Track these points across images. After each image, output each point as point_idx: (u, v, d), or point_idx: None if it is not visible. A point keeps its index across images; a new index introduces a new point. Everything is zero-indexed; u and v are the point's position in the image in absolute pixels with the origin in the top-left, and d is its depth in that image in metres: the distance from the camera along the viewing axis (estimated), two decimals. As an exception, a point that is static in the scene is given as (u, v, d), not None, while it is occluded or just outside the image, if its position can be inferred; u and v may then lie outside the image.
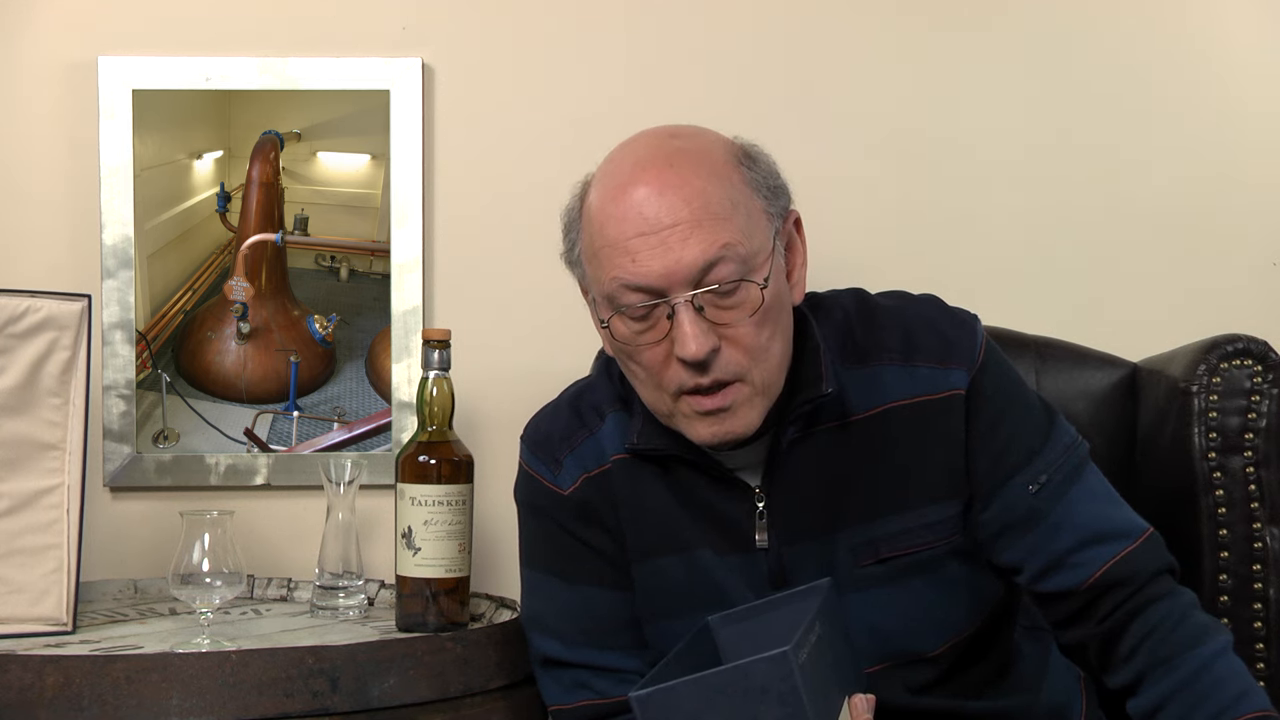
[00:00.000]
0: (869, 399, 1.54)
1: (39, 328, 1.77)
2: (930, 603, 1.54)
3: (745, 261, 1.44)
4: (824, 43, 2.13)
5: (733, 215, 1.44)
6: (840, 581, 1.53)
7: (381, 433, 2.11)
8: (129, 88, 2.07)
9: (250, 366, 2.11)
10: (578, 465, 1.61)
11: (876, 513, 1.54)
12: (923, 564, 1.54)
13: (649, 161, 1.47)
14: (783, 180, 1.51)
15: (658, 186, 1.44)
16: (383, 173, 2.10)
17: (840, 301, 1.60)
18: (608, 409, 1.62)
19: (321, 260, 2.12)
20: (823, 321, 1.57)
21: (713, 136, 1.51)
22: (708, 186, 1.44)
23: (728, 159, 1.48)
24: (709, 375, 1.45)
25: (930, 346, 1.54)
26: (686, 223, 1.43)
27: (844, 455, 1.54)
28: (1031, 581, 1.54)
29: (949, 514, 1.54)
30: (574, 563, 1.63)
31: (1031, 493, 1.52)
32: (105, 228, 2.07)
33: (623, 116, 2.12)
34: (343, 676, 1.55)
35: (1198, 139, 2.13)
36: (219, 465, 2.10)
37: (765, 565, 1.55)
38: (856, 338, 1.56)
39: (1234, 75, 2.12)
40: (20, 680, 1.50)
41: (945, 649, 1.55)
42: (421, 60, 2.09)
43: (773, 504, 1.55)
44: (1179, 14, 2.13)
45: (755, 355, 1.46)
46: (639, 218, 1.44)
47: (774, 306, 1.47)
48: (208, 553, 1.68)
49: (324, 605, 1.90)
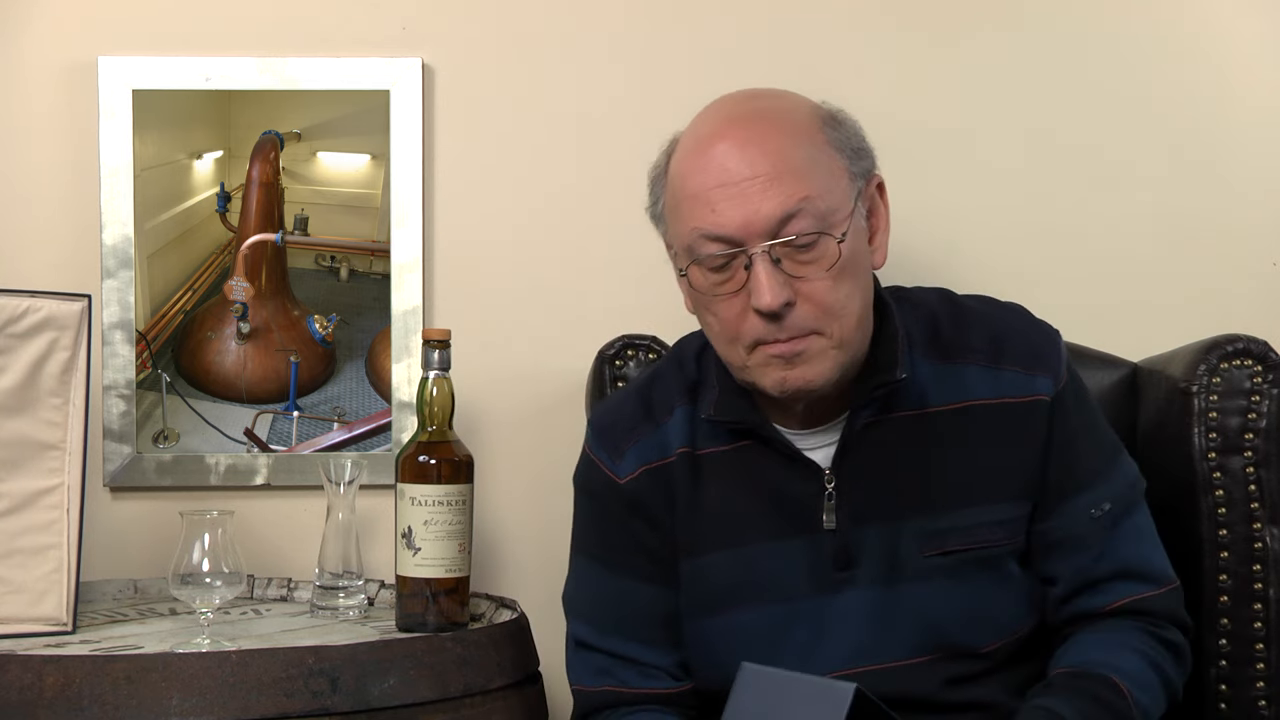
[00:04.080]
0: (950, 394, 1.57)
1: (39, 328, 1.77)
2: (989, 599, 1.55)
3: (823, 217, 1.47)
4: (824, 43, 2.13)
5: (812, 171, 1.48)
6: (902, 569, 1.55)
7: (381, 433, 2.11)
8: (129, 88, 2.07)
9: (250, 366, 2.11)
10: (639, 457, 1.63)
11: (946, 505, 1.55)
12: (986, 560, 1.55)
13: (731, 119, 1.52)
14: (867, 144, 1.55)
15: (739, 141, 1.49)
16: (383, 173, 2.10)
17: (927, 298, 1.63)
18: (676, 402, 1.63)
19: (321, 260, 2.12)
20: (907, 313, 1.60)
21: (796, 98, 1.56)
22: (788, 142, 1.49)
23: (810, 119, 1.52)
24: (784, 329, 1.48)
25: (1018, 352, 1.57)
26: (765, 175, 1.47)
27: (919, 445, 1.56)
28: (1059, 600, 1.58)
29: (1017, 514, 1.56)
30: (619, 553, 1.64)
31: (1092, 516, 1.56)
32: (105, 228, 2.07)
33: (623, 116, 2.13)
34: (343, 676, 1.55)
35: (1198, 139, 2.13)
36: (219, 465, 2.10)
37: (830, 547, 1.56)
38: (943, 334, 1.59)
39: (1234, 75, 2.12)
40: (20, 680, 1.50)
41: (997, 646, 1.56)
42: (421, 60, 2.09)
43: (842, 485, 1.56)
44: (1177, 13, 2.12)
45: (832, 311, 1.49)
46: (720, 170, 1.49)
47: (851, 264, 1.49)
48: (208, 553, 1.68)
49: (324, 605, 1.90)
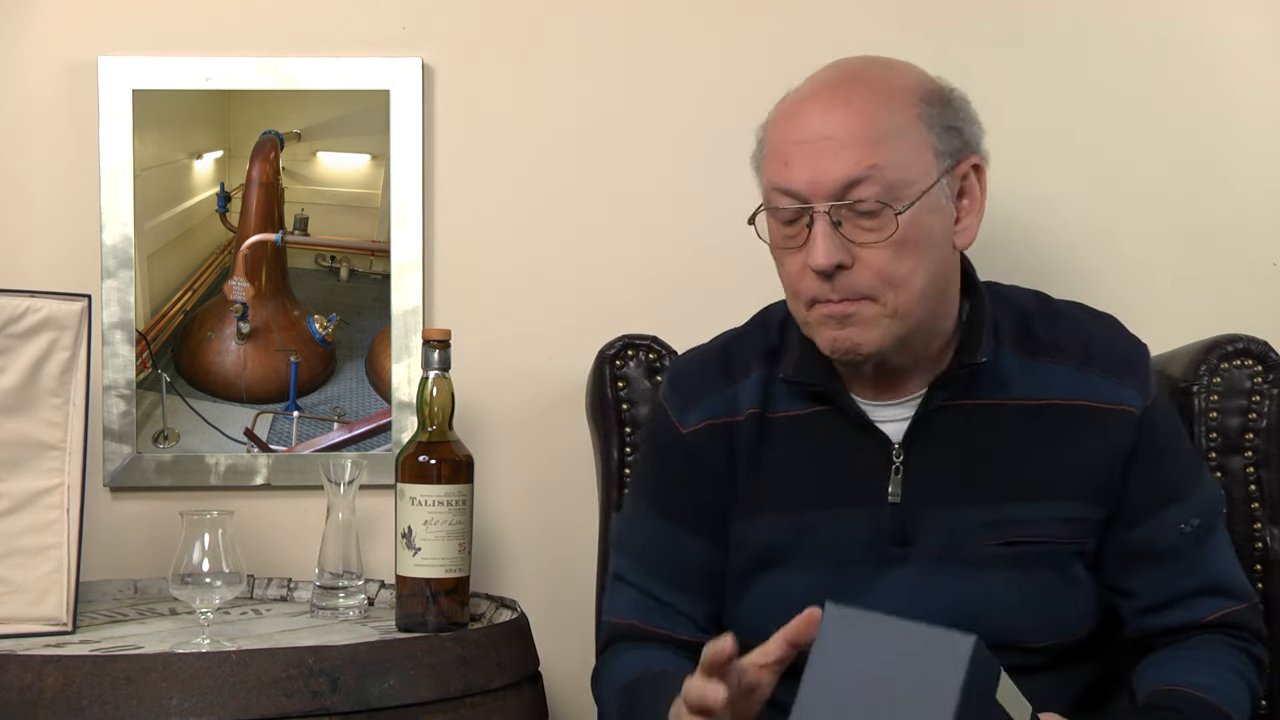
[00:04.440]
0: (1033, 389, 1.57)
1: (39, 328, 1.77)
2: (1048, 596, 1.55)
3: (891, 187, 1.48)
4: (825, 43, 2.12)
5: (889, 141, 1.49)
6: (960, 554, 1.55)
7: (381, 433, 2.11)
8: (129, 88, 2.07)
9: (250, 366, 2.11)
10: (706, 411, 1.64)
11: (1016, 495, 1.55)
12: (1049, 557, 1.55)
13: (828, 80, 1.55)
14: (968, 126, 1.55)
15: (826, 101, 1.52)
16: (383, 173, 2.10)
17: (1022, 295, 1.65)
18: (755, 364, 1.65)
19: (321, 260, 2.12)
20: (1001, 307, 1.61)
21: (905, 69, 1.56)
22: (871, 110, 1.50)
23: (907, 91, 1.52)
24: (836, 289, 1.51)
25: (1108, 359, 1.58)
26: (839, 138, 1.49)
27: (995, 433, 1.56)
28: (1141, 611, 1.58)
29: (1084, 516, 1.56)
30: (672, 501, 1.66)
31: (1181, 531, 1.57)
32: (105, 228, 2.07)
33: (623, 116, 2.13)
34: (343, 676, 1.55)
35: (1198, 139, 2.13)
36: (219, 465, 2.10)
37: (889, 521, 1.56)
38: (1036, 331, 1.60)
39: (1234, 75, 2.12)
40: (20, 680, 1.50)
41: (1049, 644, 1.56)
42: (421, 60, 2.09)
43: (911, 459, 1.57)
44: (1177, 13, 2.12)
45: (890, 280, 1.50)
46: (801, 126, 1.52)
47: (916, 238, 1.50)
48: (208, 553, 1.68)
49: (324, 605, 1.90)
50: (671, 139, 2.13)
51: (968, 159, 1.54)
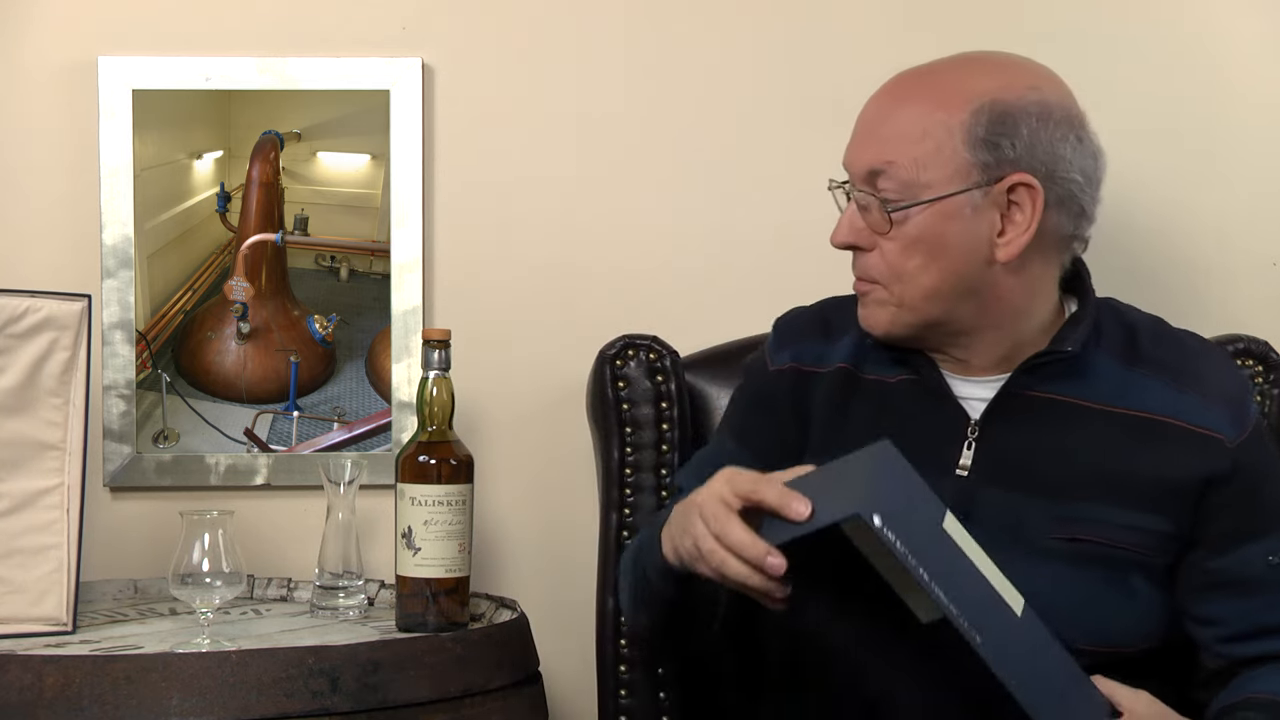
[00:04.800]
0: (1125, 398, 1.57)
1: (39, 328, 1.77)
2: (1102, 601, 1.55)
3: (904, 187, 1.52)
4: (825, 43, 2.13)
5: (915, 142, 1.52)
6: (1025, 542, 1.54)
7: (381, 433, 2.11)
8: (129, 88, 2.07)
9: (250, 366, 2.11)
10: (796, 356, 1.69)
11: (1088, 495, 1.55)
12: (1111, 561, 1.55)
13: (908, 71, 1.59)
14: (1023, 146, 1.51)
15: (887, 90, 1.58)
16: (383, 173, 2.10)
17: (1138, 314, 1.66)
18: (851, 329, 1.66)
19: (321, 260, 2.12)
20: (1111, 316, 1.63)
21: (990, 73, 1.56)
22: (913, 110, 1.53)
23: (963, 98, 1.52)
24: (856, 266, 1.59)
25: (1205, 382, 1.58)
26: (874, 127, 1.56)
27: (1078, 430, 1.56)
28: (1226, 640, 1.57)
29: (1156, 529, 1.55)
30: (746, 425, 1.71)
31: (1270, 563, 1.56)
32: (105, 228, 2.07)
33: (623, 116, 2.13)
34: (343, 676, 1.55)
35: (1198, 139, 2.13)
36: (219, 465, 2.10)
37: (953, 494, 1.55)
38: (1140, 344, 1.61)
39: (1234, 75, 2.12)
40: (20, 680, 1.50)
41: (1093, 650, 1.54)
42: (421, 60, 2.09)
43: (985, 437, 1.58)
44: (1177, 12, 2.13)
45: (896, 273, 1.55)
46: (866, 106, 1.59)
47: (925, 240, 1.53)
48: (208, 553, 1.68)
49: (324, 605, 1.90)
50: (672, 139, 2.13)
51: (1012, 177, 1.52)
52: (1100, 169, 1.58)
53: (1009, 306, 1.57)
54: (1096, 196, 1.58)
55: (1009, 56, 1.60)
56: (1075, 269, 1.63)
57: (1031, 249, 1.54)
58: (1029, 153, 1.52)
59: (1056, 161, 1.53)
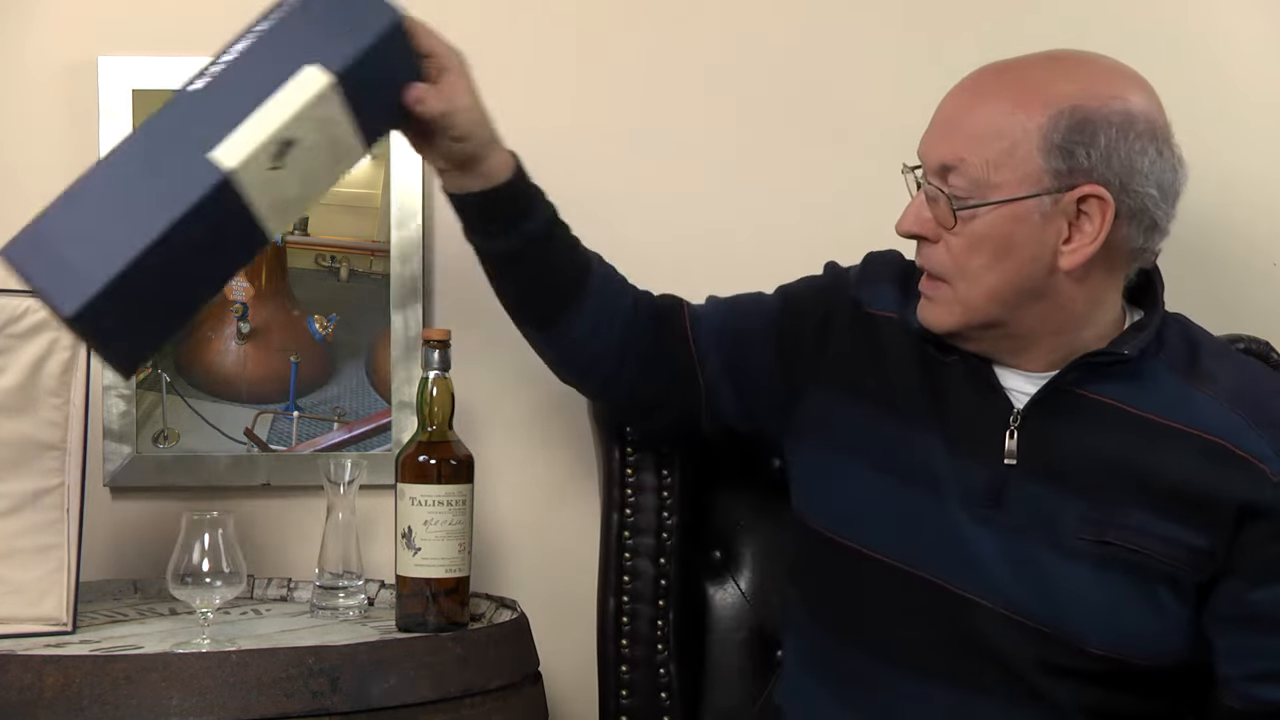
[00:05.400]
0: (1175, 411, 1.56)
1: (39, 328, 1.77)
2: (1125, 607, 1.53)
3: (974, 186, 1.52)
4: (824, 42, 2.13)
5: (989, 142, 1.51)
6: (1053, 538, 1.54)
7: (381, 433, 2.11)
8: (129, 88, 2.07)
9: (250, 366, 2.11)
10: (866, 293, 1.70)
11: (1123, 499, 1.54)
12: (1138, 568, 1.53)
13: (991, 67, 1.58)
14: (1099, 157, 1.49)
15: (967, 86, 1.57)
16: (383, 173, 2.10)
17: (1207, 334, 1.66)
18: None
19: (321, 260, 2.12)
20: (1177, 330, 1.63)
21: (1076, 76, 1.53)
22: (992, 108, 1.52)
23: (1044, 100, 1.50)
24: (921, 258, 1.59)
25: (1259, 407, 1.56)
26: (951, 123, 1.55)
27: (1122, 434, 1.55)
28: (1252, 679, 1.55)
29: (1190, 543, 1.53)
30: (790, 307, 1.75)
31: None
32: (105, 228, 2.07)
33: (622, 116, 2.13)
34: (343, 676, 1.55)
35: (1198, 139, 2.12)
36: (219, 465, 2.10)
37: (985, 479, 1.56)
38: (1200, 361, 1.60)
39: (1235, 75, 2.13)
40: (20, 680, 1.50)
41: (1107, 654, 1.54)
42: (421, 60, 2.09)
43: (1027, 428, 1.57)
44: (1178, 13, 2.13)
45: (960, 269, 1.55)
46: (944, 100, 1.58)
47: (991, 240, 1.52)
48: (208, 553, 1.68)
49: (324, 605, 1.90)
50: (672, 138, 2.13)
51: (1084, 187, 1.50)
52: (1180, 182, 1.56)
53: (1069, 314, 1.56)
54: (1172, 211, 1.56)
55: (1098, 59, 1.57)
56: (1148, 278, 1.63)
57: (1097, 259, 1.53)
58: (1104, 163, 1.50)
59: (1132, 174, 1.51)
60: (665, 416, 1.81)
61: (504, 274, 1.73)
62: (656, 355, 1.76)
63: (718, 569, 1.95)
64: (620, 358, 1.74)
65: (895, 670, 1.60)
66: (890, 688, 1.60)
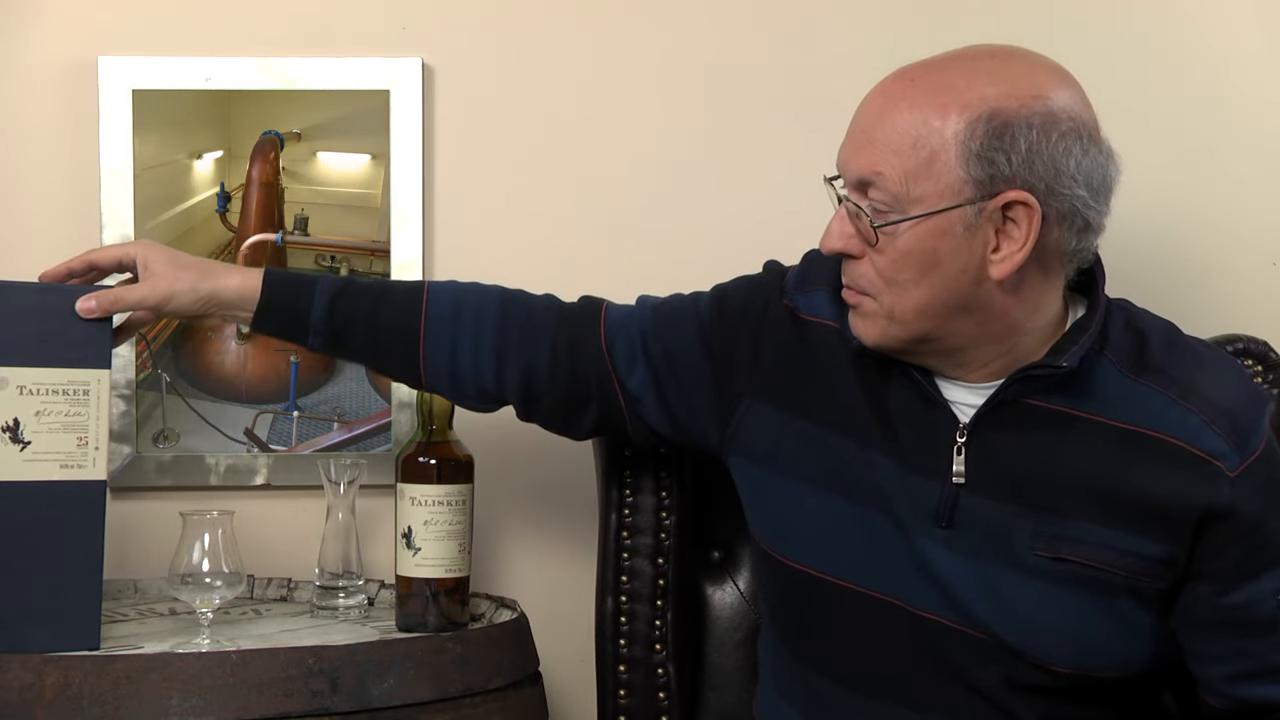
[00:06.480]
0: (1124, 411, 1.50)
1: (39, 328, 1.76)
2: (1086, 624, 1.50)
3: (894, 200, 1.45)
4: (822, 41, 2.13)
5: (906, 154, 1.44)
6: (1009, 556, 1.50)
7: (381, 433, 2.11)
8: (129, 88, 2.07)
9: (250, 366, 2.11)
10: (803, 299, 1.64)
11: (1077, 513, 1.49)
12: (1099, 583, 1.49)
13: (907, 69, 1.50)
14: (1019, 160, 1.42)
15: (882, 91, 1.49)
16: (383, 173, 2.10)
17: (1153, 320, 1.58)
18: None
19: (321, 260, 2.12)
20: (1119, 325, 1.55)
21: (993, 77, 1.45)
22: (907, 116, 1.44)
23: (961, 105, 1.43)
24: (847, 274, 1.53)
25: (1211, 400, 1.50)
26: (867, 134, 1.47)
27: (1071, 442, 1.50)
28: (1233, 679, 1.52)
29: (1147, 553, 1.48)
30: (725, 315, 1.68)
31: (1277, 603, 1.50)
32: (105, 228, 2.07)
33: (623, 115, 2.13)
34: (343, 676, 1.55)
35: (1198, 138, 2.13)
36: (219, 465, 2.10)
37: (935, 499, 1.52)
38: (1149, 354, 1.53)
39: (1234, 74, 2.12)
40: (20, 680, 1.50)
41: (1073, 672, 1.51)
42: (421, 60, 2.09)
43: (973, 445, 1.51)
44: (1177, 11, 2.13)
45: (888, 284, 1.48)
46: (860, 108, 1.50)
47: (917, 255, 1.45)
48: (208, 553, 1.68)
49: (324, 605, 1.90)
50: (672, 138, 2.13)
51: (1007, 194, 1.42)
52: (1111, 177, 1.48)
53: (1005, 323, 1.49)
54: (1104, 209, 1.48)
55: (1019, 56, 1.49)
56: (1090, 272, 1.55)
57: (1030, 265, 1.46)
58: (1027, 167, 1.42)
59: (1058, 176, 1.43)
60: (585, 422, 1.74)
61: (349, 354, 1.78)
62: (565, 364, 1.70)
63: (716, 569, 1.95)
64: (499, 370, 1.70)
65: (860, 693, 1.56)
66: (860, 711, 1.57)
